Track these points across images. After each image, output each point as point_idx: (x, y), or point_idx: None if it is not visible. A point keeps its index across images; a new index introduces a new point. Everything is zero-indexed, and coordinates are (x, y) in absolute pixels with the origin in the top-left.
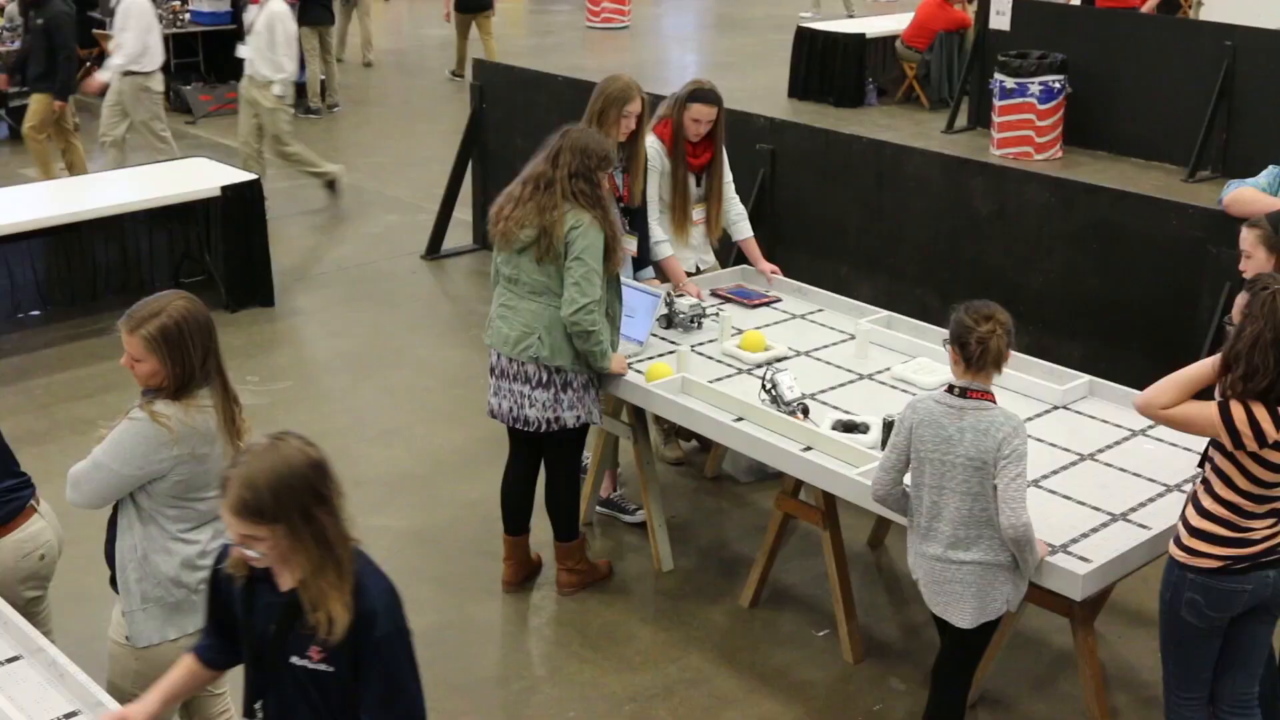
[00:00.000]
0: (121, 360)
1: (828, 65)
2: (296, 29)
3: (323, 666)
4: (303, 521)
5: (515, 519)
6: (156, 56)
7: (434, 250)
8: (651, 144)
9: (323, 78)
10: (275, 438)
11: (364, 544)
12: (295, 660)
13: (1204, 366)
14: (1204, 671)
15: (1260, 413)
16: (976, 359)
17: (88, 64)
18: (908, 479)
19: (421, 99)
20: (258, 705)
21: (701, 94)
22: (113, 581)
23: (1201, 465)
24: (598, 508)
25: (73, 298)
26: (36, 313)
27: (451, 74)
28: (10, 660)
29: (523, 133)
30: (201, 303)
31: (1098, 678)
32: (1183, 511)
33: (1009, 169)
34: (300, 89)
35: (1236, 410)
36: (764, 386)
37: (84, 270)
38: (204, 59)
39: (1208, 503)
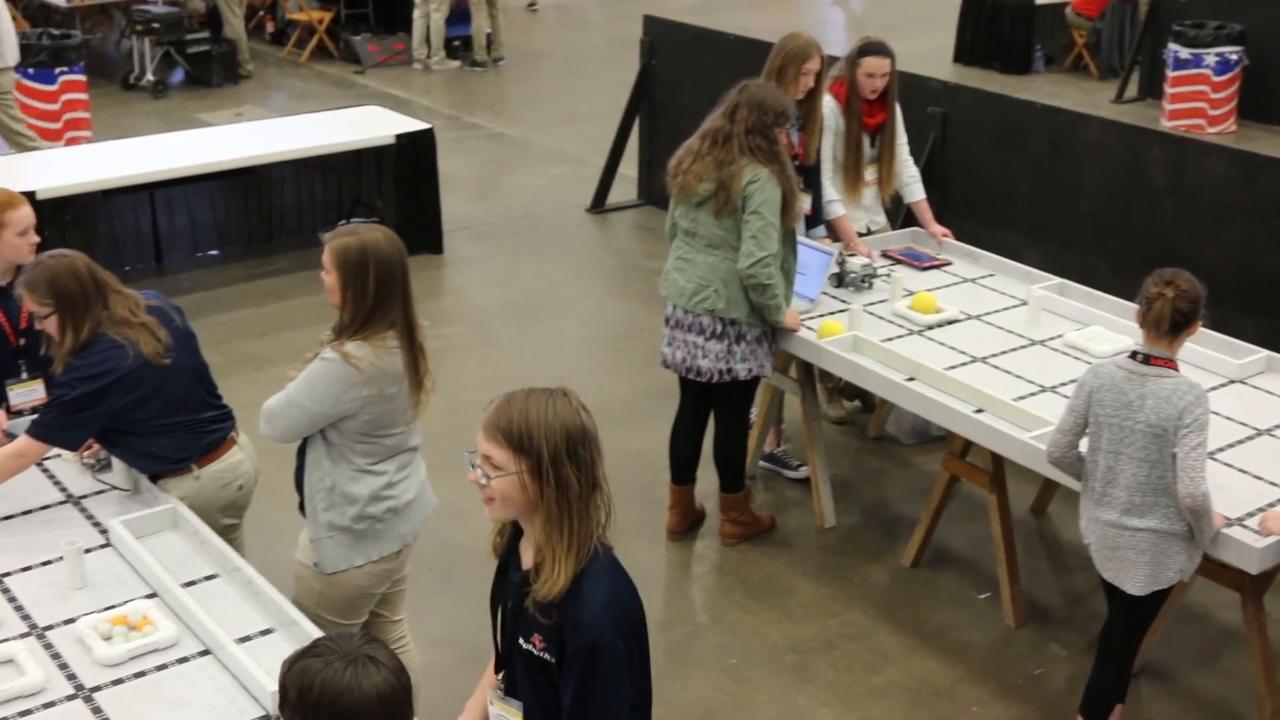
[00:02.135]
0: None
1: (995, 30)
2: (6, 9)
3: (546, 655)
4: (550, 467)
5: (682, 468)
6: None
7: (599, 204)
8: (827, 103)
9: (489, 32)
10: (560, 391)
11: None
12: (523, 644)
13: None
14: None
15: None
16: (1143, 317)
17: (261, 13)
18: (1083, 444)
19: (584, 53)
20: (500, 676)
21: (872, 47)
22: (301, 507)
23: None
24: (761, 462)
25: (249, 239)
26: (214, 253)
27: (528, 6)
28: (208, 578)
29: (691, 90)
30: (399, 245)
31: (1267, 654)
32: None
33: (1189, 140)
34: (466, 42)
35: None
36: None
37: (260, 213)
38: (373, 9)
39: None
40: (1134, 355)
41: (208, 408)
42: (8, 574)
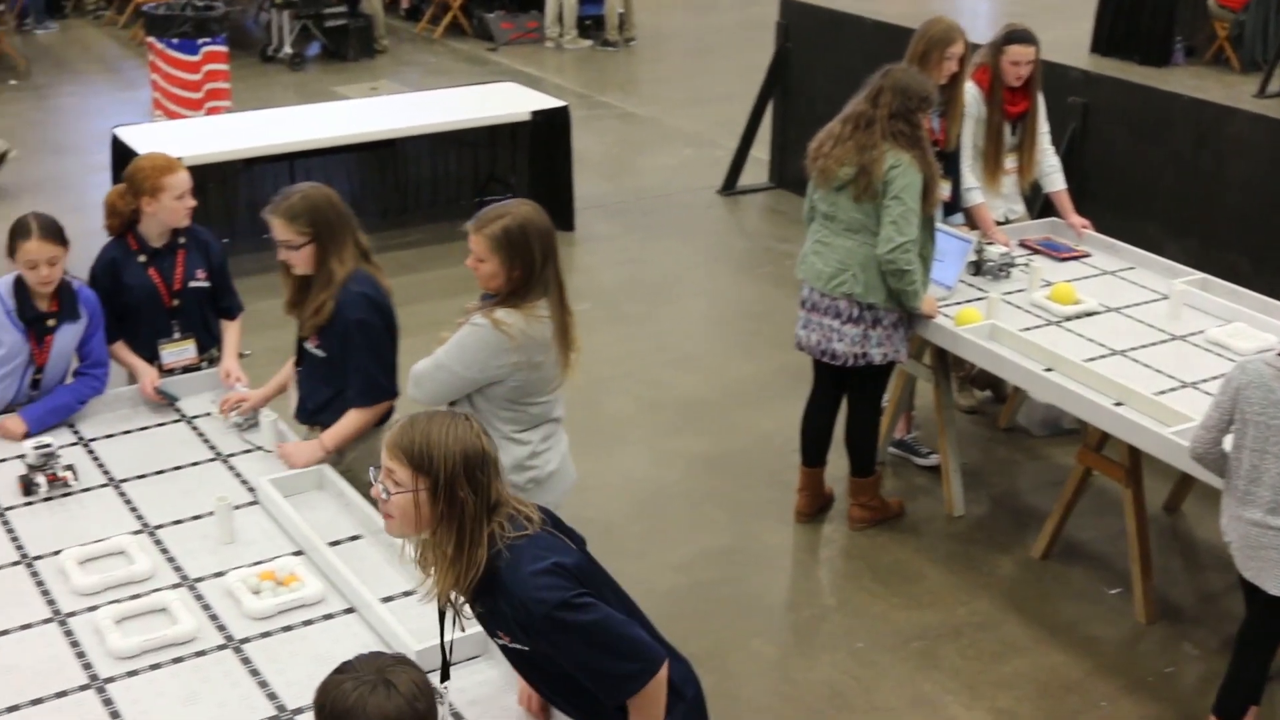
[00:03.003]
0: (467, 261)
1: (1134, 21)
2: None
3: (518, 646)
4: (445, 487)
5: (813, 450)
6: None
7: (730, 186)
8: (969, 90)
9: (621, 11)
10: (463, 415)
11: (658, 466)
12: (498, 641)
13: None
14: None
15: None
16: None
17: None
18: (1227, 441)
19: (715, 35)
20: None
21: (1018, 35)
22: None
23: None
24: (890, 448)
25: (384, 211)
26: None
27: None
28: (352, 538)
29: (826, 74)
30: (545, 212)
31: None
32: None
33: None
34: (598, 21)
35: None
36: None
37: (396, 186)
38: None
39: None
40: None
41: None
42: (160, 526)
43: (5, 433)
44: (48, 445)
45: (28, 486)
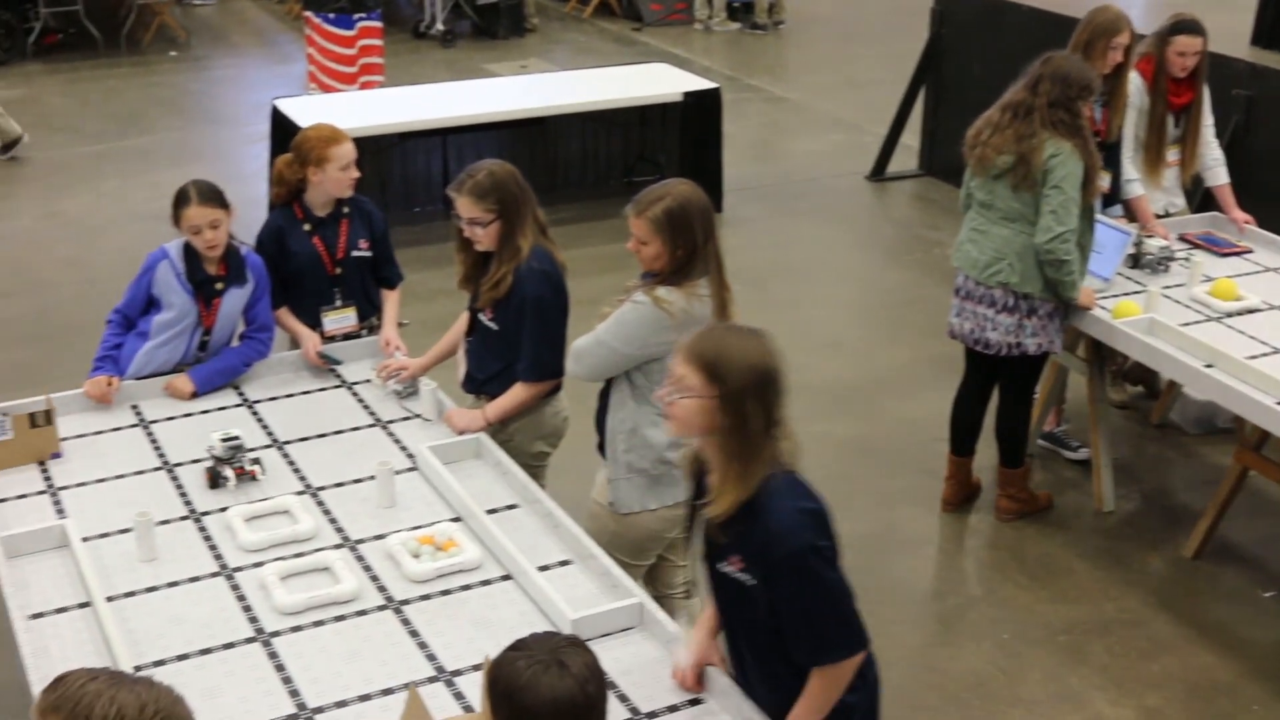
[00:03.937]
0: (628, 244)
1: None
2: None
3: (744, 577)
4: (734, 399)
5: (963, 439)
6: None
7: (879, 172)
8: (1133, 80)
9: None
10: (760, 331)
11: (804, 450)
12: (720, 567)
13: None
14: None
15: None
16: None
17: None
18: None
19: (866, 20)
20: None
21: (1185, 25)
22: (600, 448)
23: None
24: (1039, 440)
25: (533, 188)
26: None
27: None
28: (509, 507)
29: (981, 61)
30: (702, 190)
31: None
32: None
33: None
34: (748, 6)
35: None
36: None
37: (545, 164)
38: None
39: None
40: None
41: None
42: (322, 488)
43: (174, 391)
44: (236, 438)
45: (215, 479)
